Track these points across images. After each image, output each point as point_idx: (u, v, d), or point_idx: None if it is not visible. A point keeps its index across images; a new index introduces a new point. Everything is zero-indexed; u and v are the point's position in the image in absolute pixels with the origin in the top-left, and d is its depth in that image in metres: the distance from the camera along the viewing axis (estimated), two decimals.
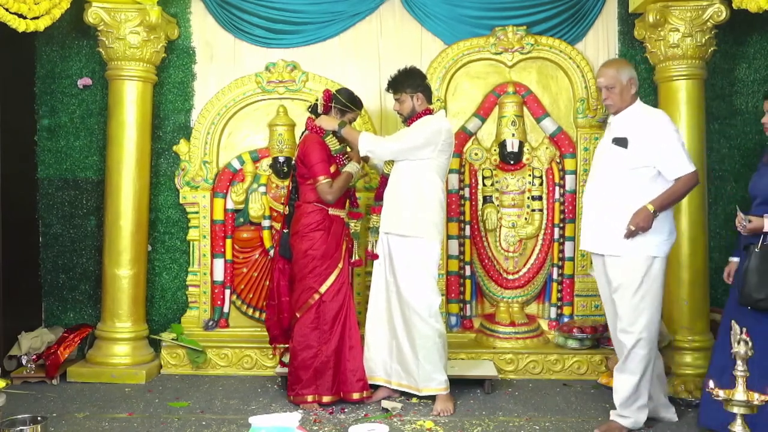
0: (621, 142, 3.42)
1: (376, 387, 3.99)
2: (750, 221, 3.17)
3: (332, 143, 3.95)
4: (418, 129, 3.84)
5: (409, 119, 3.95)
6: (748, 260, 3.17)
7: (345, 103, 3.99)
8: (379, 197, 4.00)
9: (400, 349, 3.86)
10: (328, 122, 3.97)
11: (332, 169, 3.92)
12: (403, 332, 3.85)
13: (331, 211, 3.94)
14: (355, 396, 3.85)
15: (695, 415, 3.56)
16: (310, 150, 3.90)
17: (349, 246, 4.03)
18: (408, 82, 3.91)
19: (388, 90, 4.00)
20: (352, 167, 3.97)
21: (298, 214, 3.97)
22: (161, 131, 4.81)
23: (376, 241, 3.99)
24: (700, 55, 4.36)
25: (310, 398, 3.83)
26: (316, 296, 3.87)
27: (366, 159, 4.12)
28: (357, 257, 4.12)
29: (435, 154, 3.79)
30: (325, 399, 3.84)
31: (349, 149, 4.04)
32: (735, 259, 3.48)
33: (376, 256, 3.97)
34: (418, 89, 3.90)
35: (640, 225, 3.32)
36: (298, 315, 3.91)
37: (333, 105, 4.00)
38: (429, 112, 3.93)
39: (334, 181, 3.87)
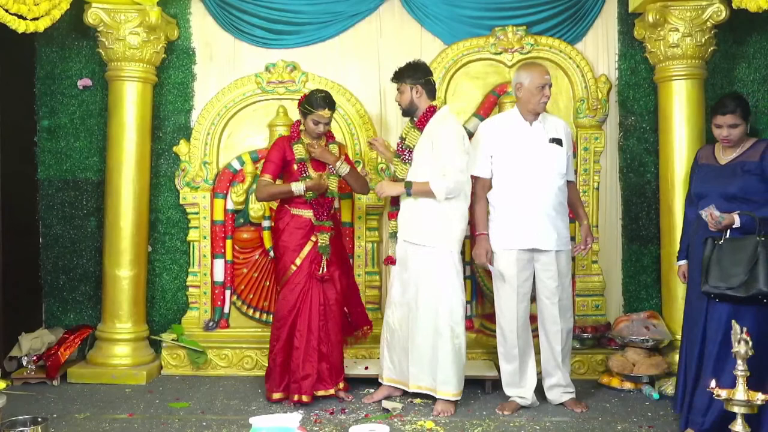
0: (558, 141, 3.80)
1: (378, 386, 3.99)
2: (725, 218, 3.23)
3: (298, 151, 3.97)
4: (453, 147, 3.72)
5: (409, 113, 3.92)
6: (712, 252, 3.23)
7: (304, 105, 3.95)
8: (395, 202, 3.96)
9: (420, 352, 3.79)
10: (393, 188, 3.86)
11: (295, 167, 3.95)
12: (428, 337, 3.76)
13: (294, 210, 3.96)
14: (295, 398, 3.83)
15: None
16: (271, 148, 4.07)
17: (314, 249, 3.91)
18: (409, 73, 3.89)
19: (392, 80, 3.98)
20: (295, 187, 3.88)
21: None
22: (161, 132, 4.81)
23: (395, 245, 3.94)
24: (700, 55, 4.36)
25: (275, 396, 3.92)
26: (280, 292, 3.96)
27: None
28: (324, 271, 3.90)
29: None
30: (275, 396, 3.91)
31: (310, 161, 3.97)
32: (683, 263, 3.63)
33: (393, 262, 3.94)
34: (418, 82, 3.86)
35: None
36: None
37: (300, 109, 4.00)
38: (433, 109, 3.88)
39: (272, 185, 3.94)
